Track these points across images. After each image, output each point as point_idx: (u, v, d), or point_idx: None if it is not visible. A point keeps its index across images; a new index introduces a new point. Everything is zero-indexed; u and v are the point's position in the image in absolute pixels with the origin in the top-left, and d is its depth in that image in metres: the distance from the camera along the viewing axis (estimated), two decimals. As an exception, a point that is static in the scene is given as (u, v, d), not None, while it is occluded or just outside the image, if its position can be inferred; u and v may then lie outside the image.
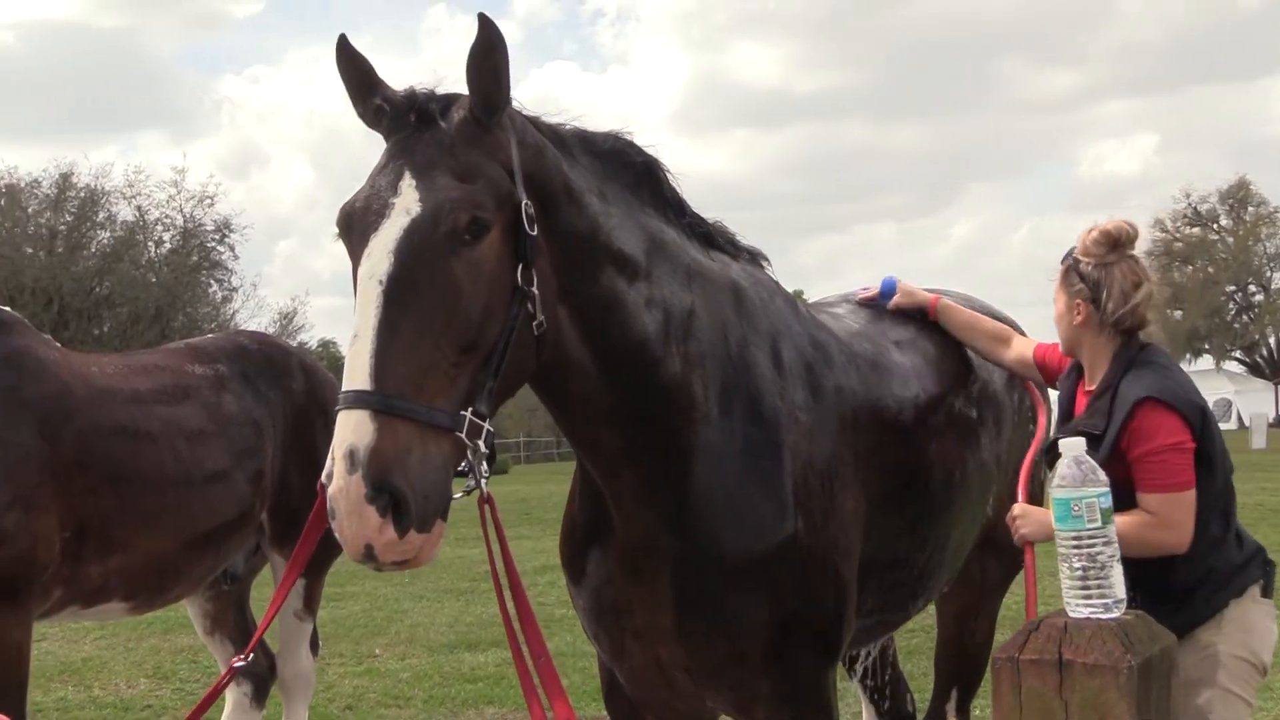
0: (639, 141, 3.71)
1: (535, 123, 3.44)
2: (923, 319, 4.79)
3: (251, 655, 6.86)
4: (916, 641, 9.95)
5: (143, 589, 5.89)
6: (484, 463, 3.00)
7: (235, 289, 58.37)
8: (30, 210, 54.67)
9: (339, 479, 2.81)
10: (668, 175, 3.77)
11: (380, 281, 2.93)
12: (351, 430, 2.82)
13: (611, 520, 3.75)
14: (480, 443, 2.98)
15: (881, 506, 4.02)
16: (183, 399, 6.04)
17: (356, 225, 3.07)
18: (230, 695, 6.95)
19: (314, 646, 7.06)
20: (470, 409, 2.96)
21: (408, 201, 3.00)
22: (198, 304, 57.06)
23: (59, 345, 6.00)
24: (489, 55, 3.11)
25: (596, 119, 3.63)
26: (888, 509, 4.07)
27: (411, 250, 2.95)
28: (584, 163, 3.52)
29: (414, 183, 3.03)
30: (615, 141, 3.66)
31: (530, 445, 74.55)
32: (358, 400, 2.84)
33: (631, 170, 3.66)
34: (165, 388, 6.02)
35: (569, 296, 3.35)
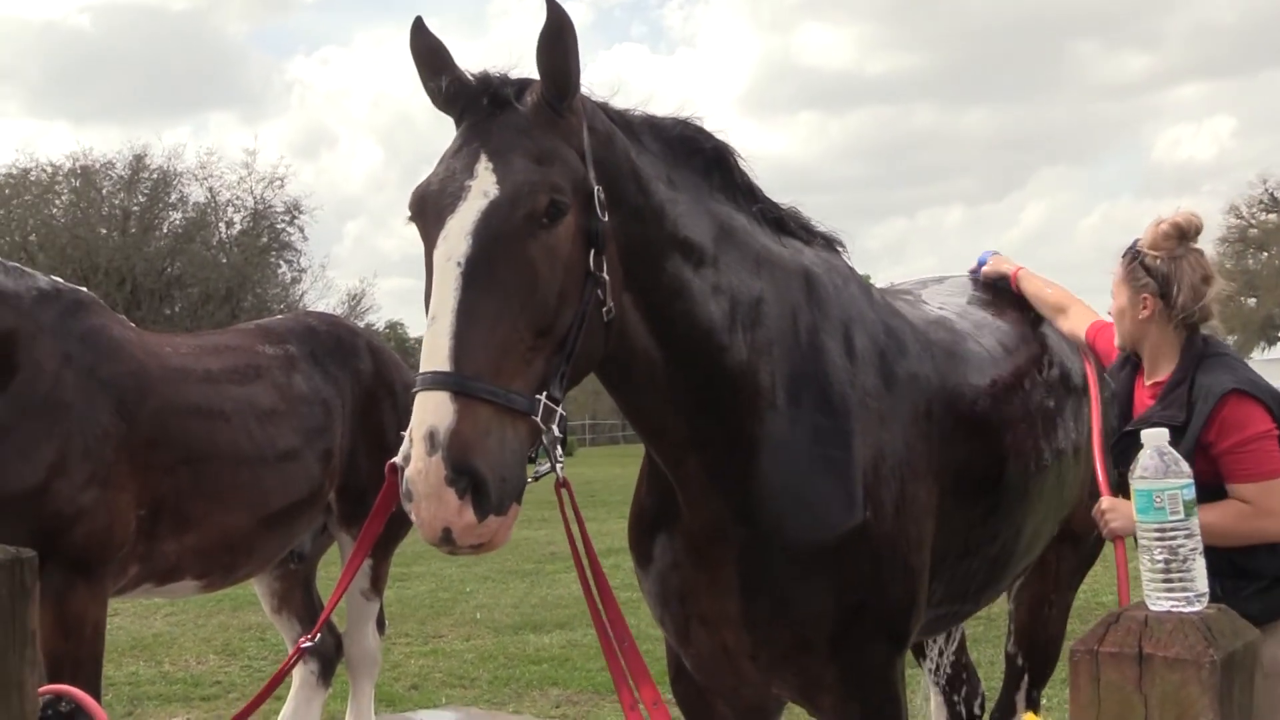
0: (708, 127, 3.69)
1: (604, 108, 3.42)
2: (1005, 304, 4.77)
3: (319, 635, 6.99)
4: (982, 629, 9.88)
5: (215, 567, 5.95)
6: (558, 447, 2.98)
7: (304, 270, 58.79)
8: (104, 191, 55.32)
9: (418, 460, 2.77)
10: (738, 161, 3.74)
11: (458, 264, 2.91)
12: (431, 411, 2.79)
13: (678, 506, 3.73)
14: (554, 427, 2.96)
15: (955, 496, 3.98)
16: (254, 379, 6.09)
17: (431, 208, 3.06)
18: (297, 673, 7.02)
19: (380, 626, 7.11)
20: (545, 393, 2.95)
21: (485, 184, 2.99)
22: (267, 285, 57.52)
23: (134, 325, 6.06)
24: (557, 40, 3.10)
25: (664, 102, 3.62)
26: (961, 499, 4.03)
27: (490, 232, 2.93)
28: (652, 149, 3.50)
29: (490, 165, 3.01)
30: (684, 127, 3.64)
31: (595, 428, 74.69)
32: (437, 381, 2.82)
33: (700, 156, 3.63)
34: (237, 367, 6.08)
35: (635, 283, 3.33)
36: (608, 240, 3.15)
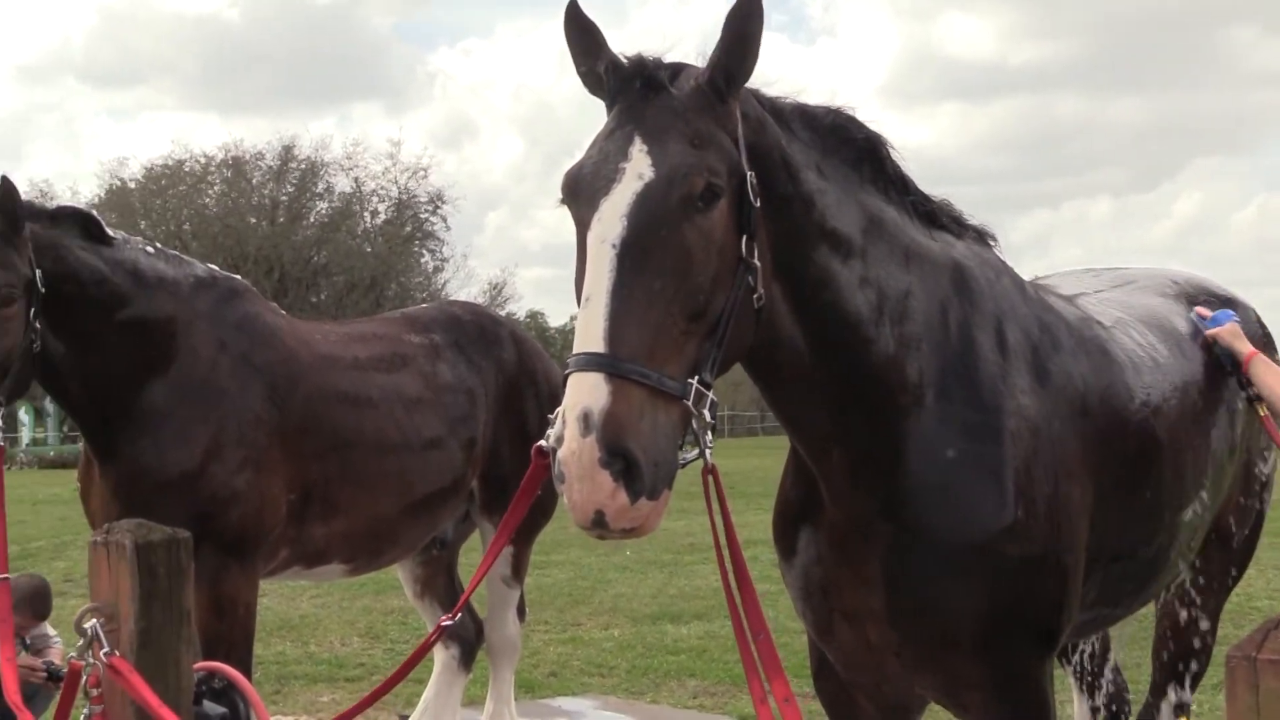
0: (860, 117, 3.65)
1: (756, 95, 3.39)
2: (1159, 300, 4.67)
3: (460, 617, 7.07)
4: (1128, 631, 9.67)
5: (361, 552, 6.06)
6: (708, 432, 2.93)
7: (446, 259, 59.58)
8: (254, 181, 56.61)
9: (571, 441, 2.73)
10: (890, 152, 3.69)
11: (613, 245, 2.87)
12: (586, 392, 2.74)
13: (822, 500, 3.70)
14: (705, 412, 2.91)
15: (1109, 497, 3.89)
16: (401, 367, 6.19)
17: (584, 190, 3.02)
18: (438, 657, 7.11)
19: (521, 613, 7.17)
20: (696, 377, 2.90)
21: (640, 166, 2.95)
22: (410, 274, 58.37)
23: (284, 313, 6.18)
24: (746, 22, 3.07)
25: (804, 92, 3.57)
26: (1116, 500, 3.94)
27: (645, 214, 2.89)
28: (803, 138, 3.46)
29: (645, 147, 2.97)
30: (836, 116, 3.59)
31: (734, 419, 74.57)
32: (592, 363, 2.77)
33: (852, 146, 3.59)
34: (384, 356, 6.18)
35: (784, 272, 3.30)
36: (759, 227, 3.13)
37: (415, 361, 6.26)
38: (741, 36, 3.08)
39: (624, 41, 3.24)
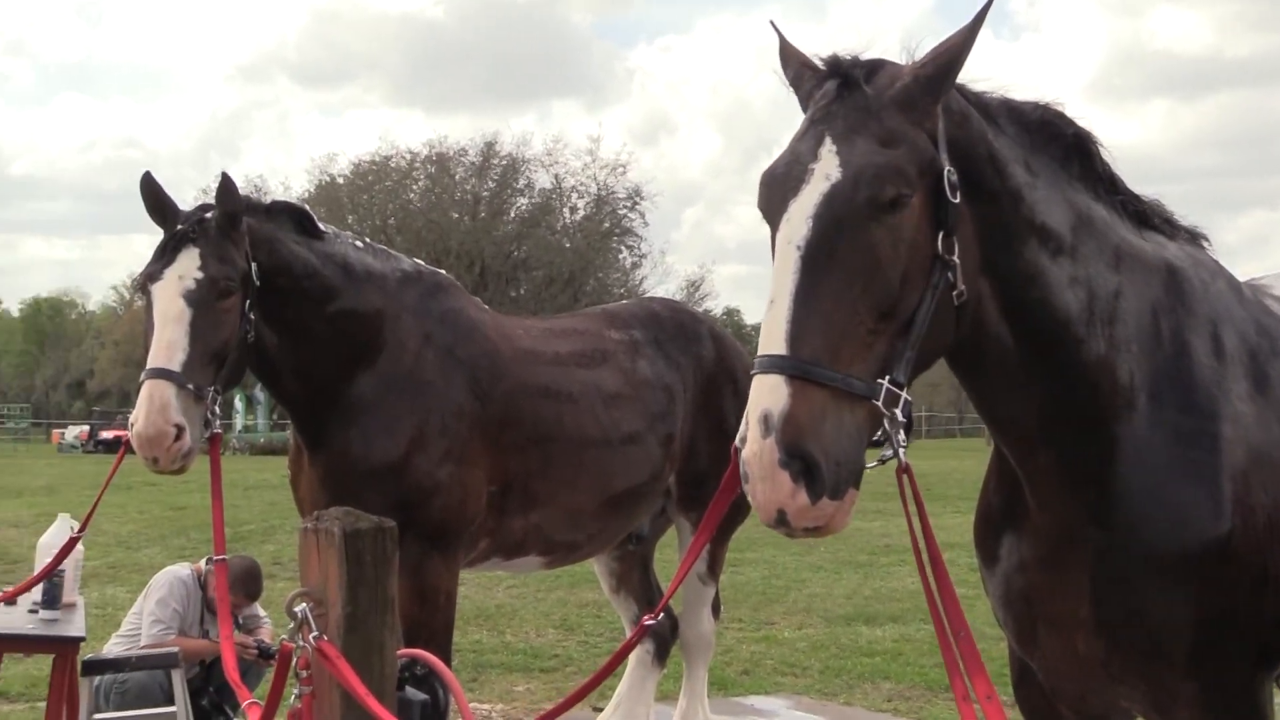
0: (1069, 113, 3.57)
1: (960, 89, 3.34)
2: None
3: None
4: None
5: (559, 545, 6.12)
6: (901, 431, 2.90)
7: (644, 256, 59.89)
8: (457, 177, 57.71)
9: (753, 443, 2.77)
10: (1100, 149, 3.60)
11: (798, 247, 2.89)
12: (767, 394, 2.78)
13: (1026, 504, 3.62)
14: (898, 411, 2.89)
15: None
16: (601, 363, 6.23)
17: (776, 191, 3.04)
18: (633, 652, 7.14)
19: (715, 610, 7.17)
20: (888, 377, 2.89)
21: (828, 167, 2.95)
22: (609, 269, 58.86)
23: (487, 307, 6.28)
24: (975, 28, 3.10)
25: (1009, 89, 3.51)
26: None
27: (831, 216, 2.89)
28: (1010, 133, 3.41)
29: (834, 148, 2.98)
30: (1044, 112, 3.52)
31: (931, 420, 73.67)
32: (773, 365, 2.80)
33: (1060, 143, 3.52)
34: (584, 351, 6.23)
35: (991, 268, 3.25)
36: (961, 223, 3.09)
37: (615, 357, 6.30)
38: (965, 39, 3.08)
39: (823, 38, 3.24)
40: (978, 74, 3.46)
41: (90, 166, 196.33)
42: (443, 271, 6.15)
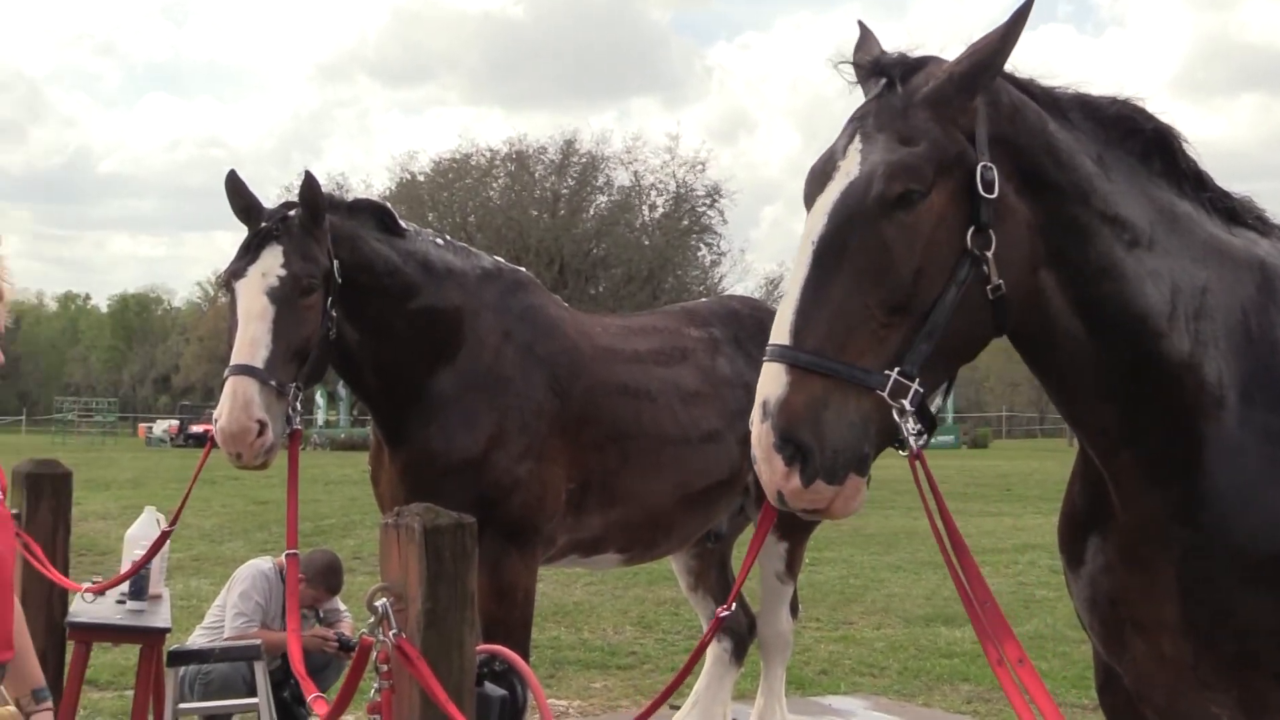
0: (1150, 108, 3.51)
1: (1022, 84, 3.34)
2: None
3: (734, 609, 7.07)
4: None
5: (637, 542, 6.12)
6: (910, 420, 2.95)
7: (723, 253, 59.87)
8: (537, 175, 57.97)
9: (755, 426, 2.91)
10: (1183, 145, 3.55)
11: (812, 242, 3.00)
12: (768, 382, 2.91)
13: (1111, 505, 3.57)
14: (905, 402, 2.94)
15: None
16: (680, 360, 6.22)
17: (810, 187, 3.14)
18: (711, 650, 7.13)
19: (793, 609, 7.14)
20: (896, 369, 2.95)
21: (850, 164, 3.05)
22: (687, 267, 58.87)
23: (566, 305, 6.29)
24: (1014, 25, 3.11)
25: (1089, 84, 3.47)
26: None
27: (843, 212, 3.00)
28: (1083, 127, 3.38)
29: (859, 146, 3.07)
30: (1121, 107, 3.48)
31: (1011, 420, 73.01)
32: (775, 354, 2.93)
33: (1139, 138, 3.47)
34: (663, 349, 6.23)
35: (1056, 261, 3.23)
36: (1006, 216, 3.12)
37: (694, 355, 6.29)
38: (1003, 37, 3.11)
39: (903, 35, 3.27)
40: (1059, 69, 3.44)
41: (175, 165, 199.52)
42: (522, 269, 6.17)
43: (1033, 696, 2.82)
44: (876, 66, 3.22)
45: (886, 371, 2.94)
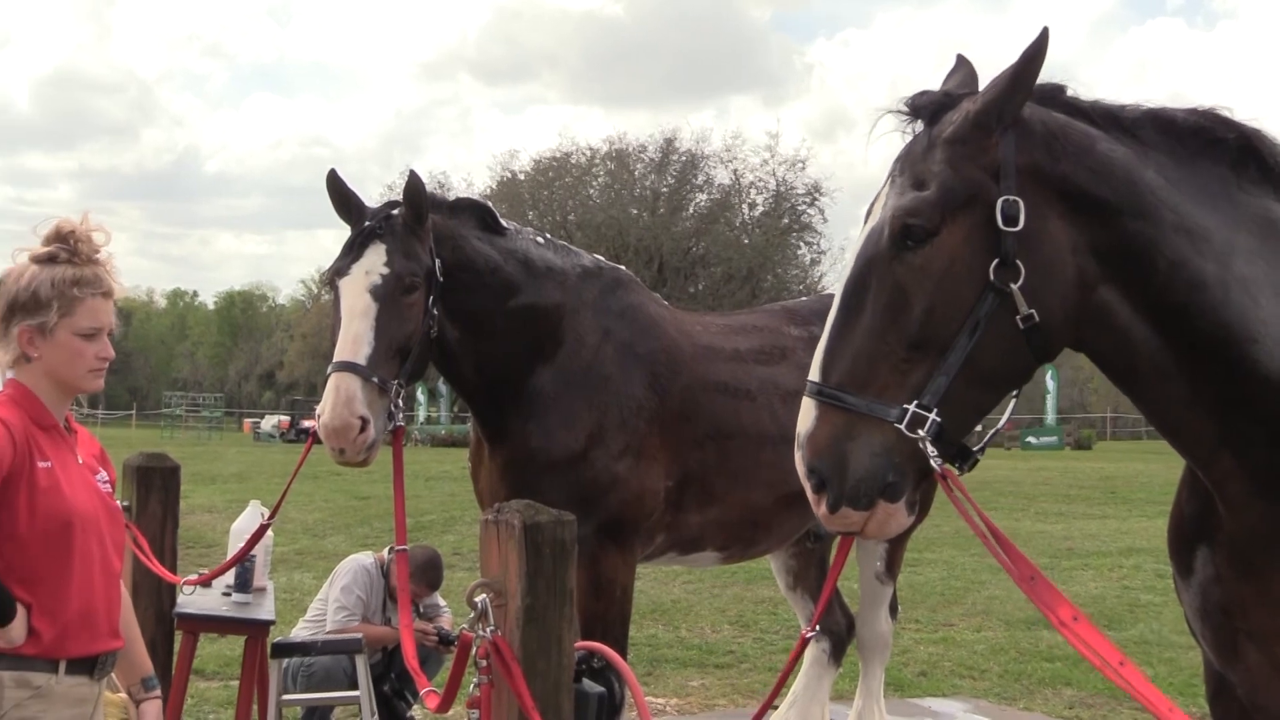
0: (1232, 116, 3.43)
1: (1077, 106, 3.32)
2: None
3: (832, 613, 7.03)
4: None
5: (735, 541, 6.11)
6: (929, 445, 3.06)
7: (823, 252, 59.61)
8: (636, 173, 58.09)
9: (796, 456, 3.15)
10: (1275, 148, 3.46)
11: (844, 284, 3.21)
12: (801, 416, 3.14)
13: (1218, 514, 3.50)
14: (921, 431, 3.06)
15: None
16: (780, 359, 6.20)
17: (863, 227, 3.31)
18: (809, 650, 7.11)
19: (893, 610, 7.09)
20: (915, 402, 3.08)
21: (877, 208, 3.24)
22: (787, 265, 58.73)
23: (666, 303, 6.29)
24: (1030, 62, 3.16)
25: (1201, 80, 3.40)
26: None
27: (864, 256, 3.19)
28: (1154, 142, 3.33)
29: (887, 190, 3.24)
30: (1199, 117, 3.40)
31: (1116, 421, 71.91)
32: (808, 390, 3.15)
33: (1223, 146, 3.39)
34: (763, 348, 6.21)
35: (1120, 277, 3.20)
36: (1039, 245, 3.14)
37: (794, 354, 6.26)
38: (1013, 78, 3.18)
39: (1001, 31, 3.28)
40: (1167, 67, 3.38)
41: (279, 164, 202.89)
42: (623, 267, 6.18)
43: (1095, 648, 2.96)
44: (913, 108, 3.32)
45: (905, 405, 3.08)
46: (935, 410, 3.09)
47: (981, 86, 3.33)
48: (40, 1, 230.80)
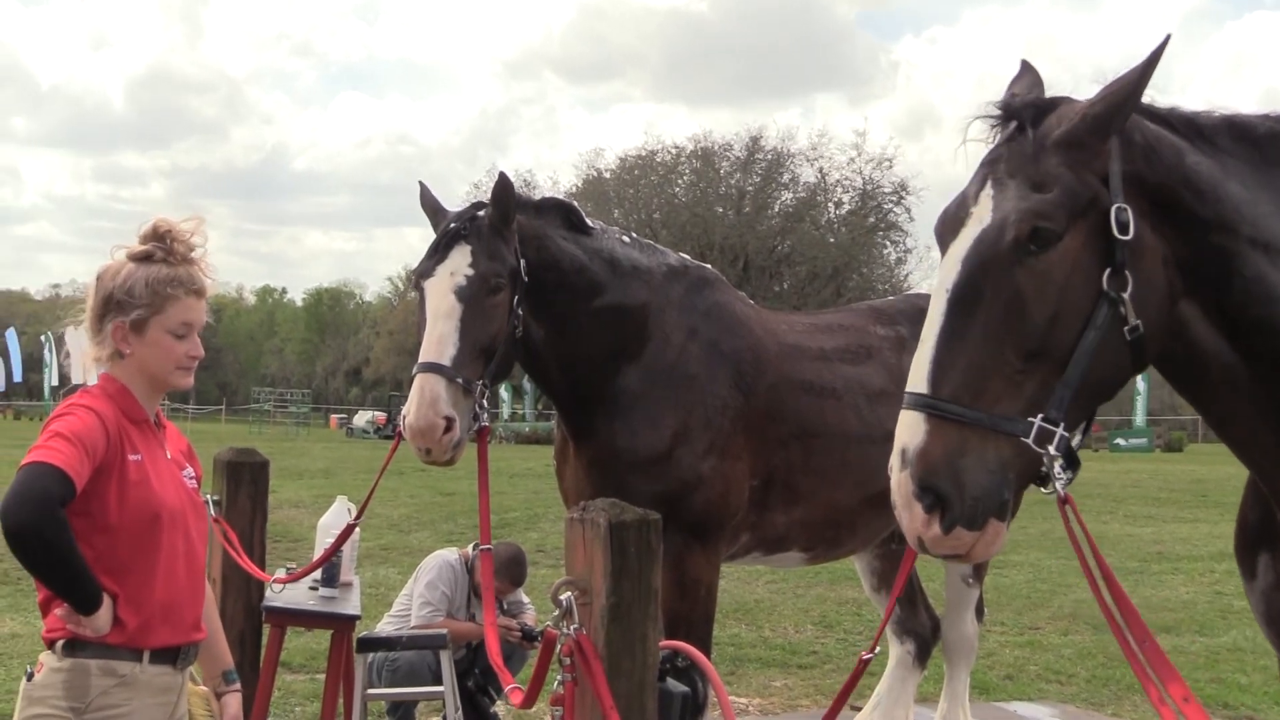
0: None
1: (1159, 115, 3.26)
2: None
3: (917, 614, 6.98)
4: None
5: (820, 541, 6.08)
6: (1056, 465, 2.92)
7: (909, 251, 59.28)
8: (722, 171, 58.06)
9: (894, 474, 2.94)
10: None
11: (947, 290, 3.00)
12: (905, 430, 2.95)
13: (1276, 521, 3.45)
14: (1051, 447, 2.92)
15: None
16: (865, 359, 6.16)
17: (944, 232, 3.15)
18: (893, 652, 7.07)
19: (979, 613, 7.03)
20: (1040, 415, 2.93)
21: (982, 211, 3.04)
22: (873, 264, 58.47)
23: (751, 301, 6.28)
24: (1144, 72, 3.06)
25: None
26: None
27: (977, 260, 3.00)
28: (1233, 151, 3.27)
29: (991, 192, 3.06)
30: (1273, 124, 3.35)
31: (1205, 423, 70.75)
32: (912, 402, 2.95)
33: None
34: (849, 347, 6.17)
35: (1200, 292, 3.15)
36: (1142, 255, 3.05)
37: (880, 354, 6.23)
38: (1140, 77, 3.07)
39: (1090, 29, 3.21)
40: (1264, 63, 3.31)
41: (366, 162, 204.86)
42: (708, 266, 6.17)
43: None
44: (1007, 110, 3.21)
45: (1030, 419, 2.93)
46: (1061, 424, 2.96)
47: (1048, 93, 3.28)
48: (135, 4, 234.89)
